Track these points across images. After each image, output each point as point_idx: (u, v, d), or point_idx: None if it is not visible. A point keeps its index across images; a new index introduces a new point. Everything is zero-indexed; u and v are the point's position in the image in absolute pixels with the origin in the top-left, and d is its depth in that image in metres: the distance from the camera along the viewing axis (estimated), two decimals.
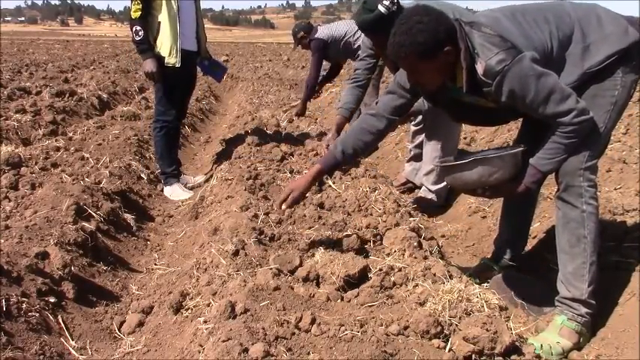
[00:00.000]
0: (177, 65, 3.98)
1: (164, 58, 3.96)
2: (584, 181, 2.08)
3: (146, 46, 3.88)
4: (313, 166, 2.47)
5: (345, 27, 5.43)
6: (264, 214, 2.84)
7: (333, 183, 3.49)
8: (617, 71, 2.06)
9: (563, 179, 2.12)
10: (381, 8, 3.06)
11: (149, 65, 3.90)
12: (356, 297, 2.02)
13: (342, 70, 6.63)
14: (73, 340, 2.12)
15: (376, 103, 2.46)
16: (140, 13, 3.81)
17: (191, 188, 4.35)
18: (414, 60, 2.02)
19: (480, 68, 1.97)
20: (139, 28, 3.83)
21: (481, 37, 1.97)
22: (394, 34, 2.03)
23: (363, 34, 3.90)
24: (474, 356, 1.69)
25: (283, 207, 2.43)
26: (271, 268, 2.14)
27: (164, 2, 3.88)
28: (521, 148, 2.14)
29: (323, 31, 5.50)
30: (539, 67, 1.95)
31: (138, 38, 3.86)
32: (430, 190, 3.87)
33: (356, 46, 5.19)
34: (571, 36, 2.06)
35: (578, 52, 2.05)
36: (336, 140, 2.51)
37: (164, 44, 3.95)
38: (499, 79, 1.95)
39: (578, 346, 2.14)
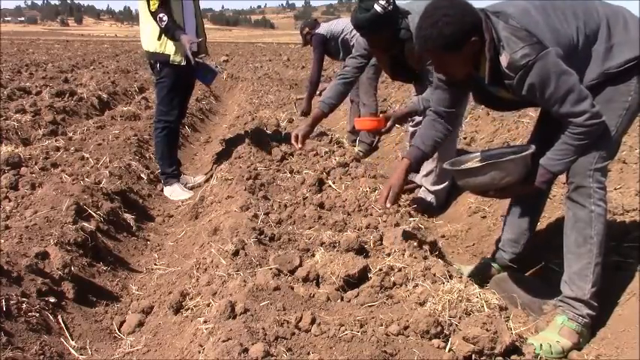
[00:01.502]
0: (183, 63, 3.99)
1: (169, 56, 3.96)
2: (593, 182, 2.09)
3: (174, 27, 3.85)
4: (402, 162, 2.54)
5: (342, 24, 5.44)
6: (264, 214, 2.84)
7: (333, 183, 3.49)
8: (634, 77, 2.06)
9: (573, 180, 2.13)
10: (377, 8, 3.06)
11: (187, 39, 3.85)
12: (356, 297, 2.02)
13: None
14: (73, 340, 2.12)
15: (432, 100, 2.54)
16: (158, 3, 3.81)
17: (191, 188, 4.35)
18: (440, 52, 2.04)
19: (504, 61, 1.98)
20: (162, 15, 3.82)
21: (507, 30, 1.98)
22: (420, 28, 2.04)
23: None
24: (473, 356, 1.69)
25: (388, 204, 2.45)
26: (271, 268, 2.14)
27: (171, 3, 3.87)
28: (531, 150, 2.15)
29: (322, 27, 5.52)
30: (563, 64, 1.95)
31: (163, 24, 3.84)
32: (429, 191, 3.87)
33: (352, 43, 5.19)
34: (597, 33, 2.06)
35: (602, 50, 2.06)
36: (415, 138, 2.60)
37: (169, 43, 3.95)
38: (522, 74, 1.96)
39: (578, 347, 2.15)
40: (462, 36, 1.98)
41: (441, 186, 3.82)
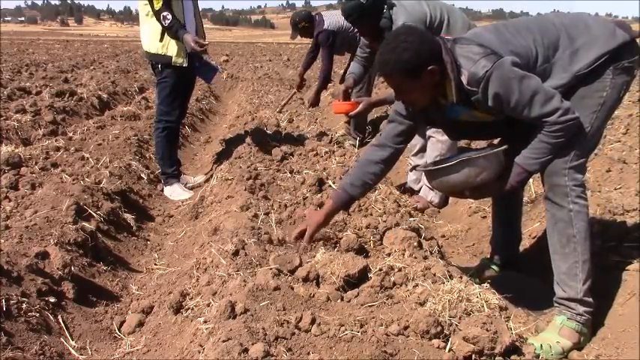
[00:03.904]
0: (185, 65, 4.00)
1: (171, 57, 3.96)
2: (569, 180, 2.09)
3: (178, 26, 3.86)
4: (327, 202, 2.47)
5: None
6: (264, 214, 2.84)
7: (333, 183, 3.49)
8: (607, 72, 2.07)
9: (548, 179, 2.14)
10: None
11: (190, 40, 3.85)
12: (356, 297, 2.02)
13: (340, 70, 6.60)
14: (73, 340, 2.12)
15: (380, 134, 2.49)
16: (161, 2, 3.81)
17: (191, 188, 4.35)
18: (399, 78, 2.07)
19: (464, 78, 2.02)
20: (165, 13, 3.82)
21: (462, 49, 2.04)
22: (380, 54, 2.08)
23: None
24: (473, 356, 1.69)
25: (304, 243, 2.43)
26: (271, 268, 2.14)
27: (172, 3, 3.88)
28: (504, 147, 2.15)
29: (331, 22, 5.46)
30: (520, 70, 1.97)
31: (167, 22, 3.84)
32: (431, 189, 3.87)
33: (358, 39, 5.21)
34: (557, 42, 2.08)
35: (567, 56, 2.07)
36: (343, 179, 2.53)
37: (171, 45, 3.95)
38: (483, 85, 1.99)
39: (578, 346, 2.15)
40: (420, 62, 2.00)
41: None
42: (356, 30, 5.27)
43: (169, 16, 3.82)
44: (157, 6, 3.83)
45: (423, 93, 2.11)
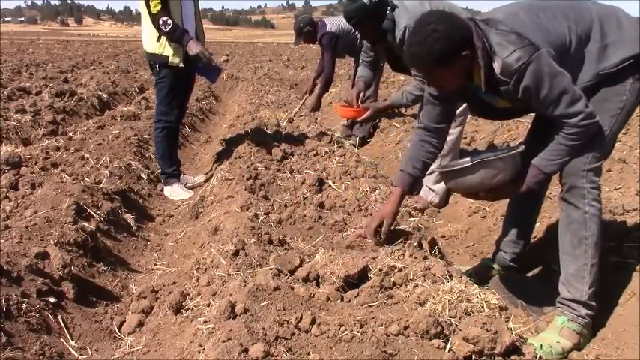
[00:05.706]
0: (182, 65, 3.99)
1: (168, 57, 3.96)
2: (587, 182, 2.09)
3: (180, 31, 3.83)
4: (394, 190, 2.47)
5: None
6: (264, 214, 2.84)
7: (333, 183, 3.49)
8: (629, 77, 2.06)
9: (566, 180, 2.13)
10: None
11: (194, 46, 3.84)
12: (356, 297, 2.02)
13: (341, 71, 6.61)
14: (73, 340, 2.12)
15: (422, 115, 2.48)
16: (160, 6, 3.77)
17: (191, 188, 4.35)
18: (432, 68, 2.03)
19: (497, 67, 1.98)
20: (165, 18, 3.78)
21: (498, 35, 1.98)
22: (409, 45, 2.02)
23: None
24: (473, 356, 1.69)
25: (383, 235, 2.40)
26: (271, 268, 2.14)
27: (169, 2, 3.87)
28: (521, 149, 2.15)
29: (333, 25, 5.48)
30: (556, 65, 1.95)
31: (168, 28, 3.79)
32: (431, 190, 3.87)
33: (359, 42, 5.21)
34: (589, 33, 2.06)
35: (595, 50, 2.05)
36: (401, 163, 2.53)
37: (168, 44, 3.94)
38: (517, 77, 1.96)
39: (578, 347, 2.15)
40: (453, 51, 1.96)
41: (443, 184, 3.82)
42: (357, 33, 5.29)
43: (169, 22, 3.78)
44: (155, 9, 3.77)
45: (454, 78, 2.08)
